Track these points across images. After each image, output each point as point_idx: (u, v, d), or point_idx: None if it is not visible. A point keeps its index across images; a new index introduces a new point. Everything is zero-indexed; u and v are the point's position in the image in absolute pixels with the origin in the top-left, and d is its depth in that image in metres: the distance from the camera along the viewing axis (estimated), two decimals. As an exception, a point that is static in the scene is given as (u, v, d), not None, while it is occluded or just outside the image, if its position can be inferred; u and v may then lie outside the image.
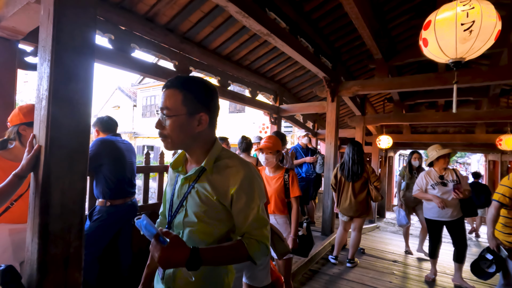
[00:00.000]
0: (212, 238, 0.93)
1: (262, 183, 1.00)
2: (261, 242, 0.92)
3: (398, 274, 3.41)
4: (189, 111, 0.88)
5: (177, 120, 0.87)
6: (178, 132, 0.88)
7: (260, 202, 0.94)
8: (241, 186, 0.90)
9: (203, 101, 0.91)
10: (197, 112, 0.89)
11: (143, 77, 15.57)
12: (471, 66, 5.35)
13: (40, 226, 1.06)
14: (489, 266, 2.30)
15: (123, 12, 2.72)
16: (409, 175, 4.25)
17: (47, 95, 1.08)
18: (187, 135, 0.90)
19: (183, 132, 0.89)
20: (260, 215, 0.94)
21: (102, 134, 2.29)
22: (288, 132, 11.02)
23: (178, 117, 0.87)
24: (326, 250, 3.90)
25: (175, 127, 0.88)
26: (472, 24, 1.70)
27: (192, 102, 0.88)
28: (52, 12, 1.09)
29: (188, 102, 0.88)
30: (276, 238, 1.82)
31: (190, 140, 0.91)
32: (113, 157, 2.20)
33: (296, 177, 2.27)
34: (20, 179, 1.13)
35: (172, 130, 0.88)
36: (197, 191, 0.93)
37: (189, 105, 0.88)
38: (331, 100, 4.42)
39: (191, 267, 0.80)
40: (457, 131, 7.81)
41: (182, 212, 0.95)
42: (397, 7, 3.83)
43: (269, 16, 2.76)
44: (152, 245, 0.81)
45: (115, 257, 2.36)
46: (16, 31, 1.82)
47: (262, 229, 0.94)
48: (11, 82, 1.90)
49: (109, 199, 2.17)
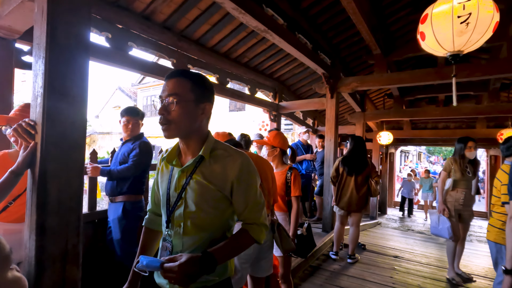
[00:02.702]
0: (213, 228, 0.96)
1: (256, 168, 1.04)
2: (261, 224, 0.99)
3: (399, 269, 3.41)
4: (196, 99, 0.92)
5: (185, 106, 0.90)
6: (184, 118, 0.91)
7: (257, 186, 1.00)
8: (240, 173, 0.95)
9: (206, 92, 0.96)
10: (202, 102, 0.94)
11: (143, 77, 15.60)
12: (470, 60, 5.33)
13: (37, 223, 1.06)
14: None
15: (120, 10, 2.71)
16: (461, 170, 3.10)
17: (42, 92, 1.08)
18: (191, 122, 0.93)
19: (188, 119, 0.92)
20: (257, 199, 0.99)
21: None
22: (289, 129, 11.02)
23: (187, 103, 0.91)
24: (327, 246, 3.90)
25: (183, 113, 0.90)
26: (468, 16, 1.69)
27: (199, 91, 0.93)
28: (46, 10, 1.10)
29: (196, 90, 0.92)
30: (284, 234, 1.85)
31: (191, 128, 0.94)
32: None
33: (299, 177, 2.26)
34: (16, 176, 1.14)
35: (178, 115, 0.90)
36: (195, 181, 0.94)
37: (196, 93, 0.92)
38: (331, 97, 4.41)
39: (209, 270, 0.84)
40: (457, 126, 7.78)
41: (182, 204, 0.96)
42: (395, 1, 3.81)
43: (266, 13, 2.75)
44: (164, 273, 0.82)
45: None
46: (12, 30, 1.82)
47: (260, 212, 1.00)
48: (8, 82, 1.90)
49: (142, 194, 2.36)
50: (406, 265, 3.60)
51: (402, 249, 4.37)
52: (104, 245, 2.42)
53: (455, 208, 3.10)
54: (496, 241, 2.36)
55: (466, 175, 3.08)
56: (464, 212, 3.12)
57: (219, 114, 12.76)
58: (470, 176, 3.08)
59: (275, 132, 2.30)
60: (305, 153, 4.88)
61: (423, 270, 3.45)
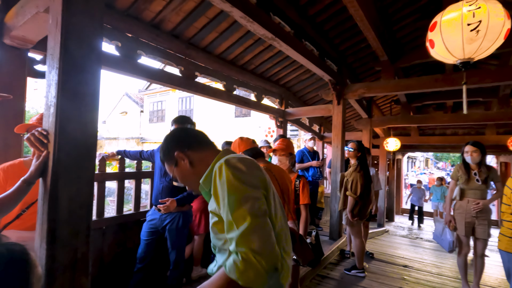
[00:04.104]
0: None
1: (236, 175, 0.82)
2: (238, 252, 0.71)
3: (409, 279, 3.33)
4: (172, 161, 0.99)
5: (175, 173, 1.00)
6: (183, 178, 1.00)
7: (231, 198, 0.77)
8: (214, 186, 0.83)
9: (172, 149, 0.98)
10: (173, 157, 0.98)
11: (150, 83, 15.78)
12: (479, 66, 5.27)
13: (48, 231, 1.07)
14: None
15: (130, 19, 2.76)
16: (465, 176, 2.87)
17: (55, 102, 1.10)
18: (189, 174, 0.98)
19: (185, 176, 0.99)
20: (230, 217, 0.76)
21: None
22: (294, 135, 11.00)
23: (172, 169, 0.99)
24: (334, 255, 3.85)
25: (180, 177, 1.00)
26: (478, 24, 1.67)
27: (167, 156, 1.00)
28: (60, 21, 1.12)
29: (166, 157, 1.01)
30: (305, 244, 1.82)
31: (195, 174, 0.97)
32: None
33: (307, 185, 2.24)
34: (28, 185, 1.15)
35: (181, 180, 1.01)
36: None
37: (167, 158, 1.00)
38: (337, 103, 4.40)
39: None
40: (466, 133, 7.67)
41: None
42: (402, 8, 3.81)
43: (273, 20, 2.77)
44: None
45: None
46: (25, 40, 1.86)
47: (234, 232, 0.74)
48: (21, 90, 1.94)
49: None
50: (416, 275, 3.51)
51: (411, 258, 4.28)
52: (111, 252, 2.43)
53: (466, 221, 2.82)
54: (507, 250, 2.30)
55: (474, 183, 2.81)
56: (478, 225, 2.80)
57: (225, 120, 12.81)
58: (480, 184, 2.78)
59: (285, 139, 2.30)
60: (311, 159, 4.85)
61: (434, 280, 3.37)
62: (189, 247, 2.83)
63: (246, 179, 0.80)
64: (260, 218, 0.74)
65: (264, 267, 0.68)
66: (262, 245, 0.70)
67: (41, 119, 1.50)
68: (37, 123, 1.49)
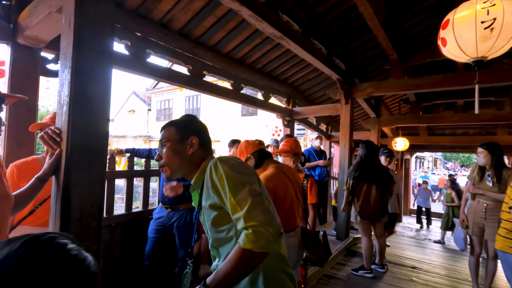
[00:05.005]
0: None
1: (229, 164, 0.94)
2: (248, 227, 0.81)
3: (418, 281, 3.29)
4: (181, 137, 1.03)
5: (172, 146, 1.01)
6: (173, 158, 1.01)
7: (231, 185, 0.88)
8: (212, 182, 0.92)
9: (189, 128, 1.05)
10: (187, 137, 1.03)
11: (158, 82, 15.92)
12: (492, 65, 5.16)
13: (61, 229, 1.09)
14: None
15: (139, 19, 2.79)
16: (478, 177, 2.89)
17: (68, 101, 1.11)
18: (181, 159, 1.01)
19: (177, 157, 1.01)
20: (233, 201, 0.86)
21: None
22: (301, 134, 10.96)
23: (173, 142, 1.02)
24: (341, 255, 3.83)
25: (171, 155, 1.01)
26: (493, 21, 1.64)
27: (182, 130, 1.04)
28: (73, 21, 1.13)
29: (179, 130, 1.04)
30: (318, 243, 1.89)
31: (183, 164, 1.02)
32: None
33: (315, 184, 2.24)
34: (41, 182, 1.17)
35: (168, 157, 1.01)
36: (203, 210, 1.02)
37: (180, 133, 1.03)
38: (345, 102, 4.36)
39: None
40: (477, 133, 7.51)
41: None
42: (413, 6, 3.75)
43: (282, 19, 2.75)
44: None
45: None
46: (38, 40, 1.90)
47: (240, 212, 0.84)
48: (34, 89, 1.97)
49: None
50: (424, 276, 3.47)
51: (419, 259, 4.22)
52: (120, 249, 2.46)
53: (475, 221, 2.85)
54: (502, 250, 2.25)
55: (485, 184, 2.78)
56: (487, 227, 2.75)
57: (231, 119, 12.83)
58: (491, 185, 2.73)
59: (292, 139, 2.29)
60: (318, 159, 4.83)
61: (443, 282, 3.32)
62: (197, 245, 2.85)
63: (241, 169, 0.93)
64: (258, 197, 0.87)
65: (272, 233, 0.80)
66: (266, 217, 0.82)
67: (54, 117, 1.52)
68: (50, 122, 1.51)
